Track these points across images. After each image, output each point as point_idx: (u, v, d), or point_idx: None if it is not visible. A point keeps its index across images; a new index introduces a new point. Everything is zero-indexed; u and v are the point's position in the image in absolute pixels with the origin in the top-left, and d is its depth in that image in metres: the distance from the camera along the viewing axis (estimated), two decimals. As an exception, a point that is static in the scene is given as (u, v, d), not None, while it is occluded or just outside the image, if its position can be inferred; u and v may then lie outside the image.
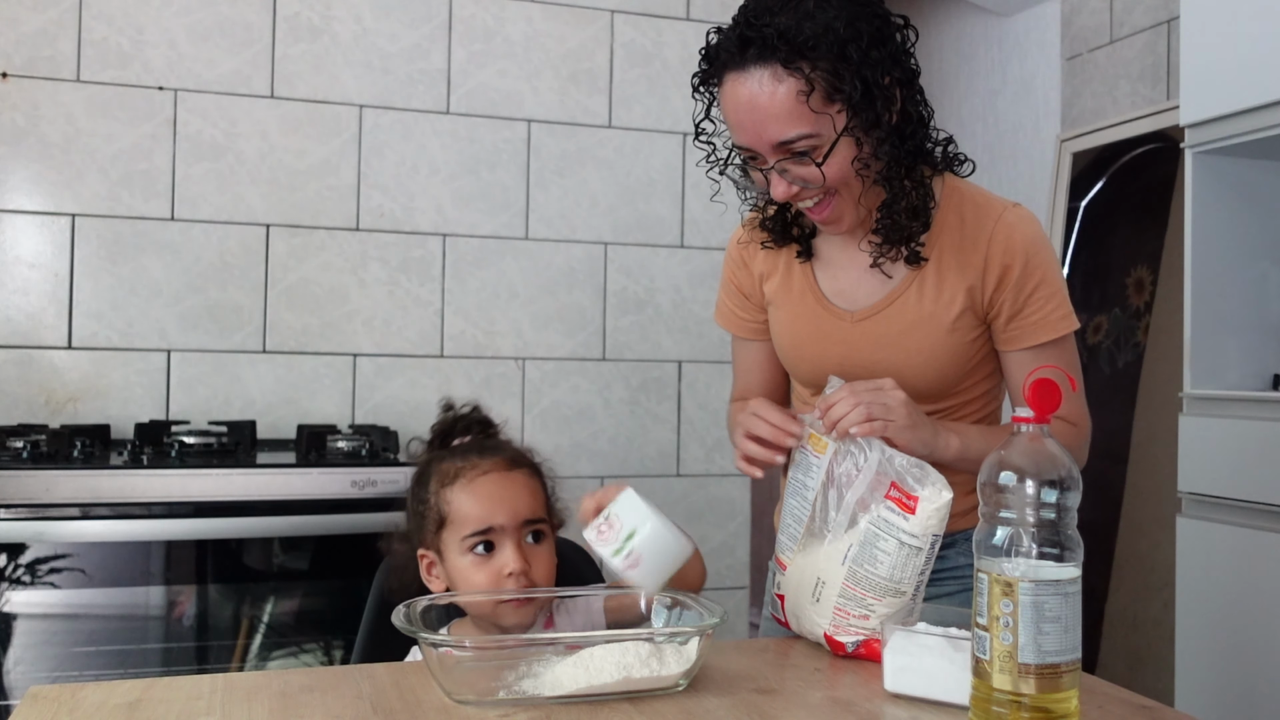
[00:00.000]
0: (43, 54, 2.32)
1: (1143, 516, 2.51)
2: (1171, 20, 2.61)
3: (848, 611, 1.12)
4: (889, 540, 1.09)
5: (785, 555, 1.21)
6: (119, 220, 2.37)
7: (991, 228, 1.25)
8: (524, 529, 1.19)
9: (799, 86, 1.12)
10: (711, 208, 2.77)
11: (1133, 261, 2.64)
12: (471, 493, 1.19)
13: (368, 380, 2.52)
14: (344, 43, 2.51)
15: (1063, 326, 1.26)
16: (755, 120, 1.15)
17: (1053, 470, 0.84)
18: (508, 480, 1.21)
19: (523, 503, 1.20)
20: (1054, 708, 0.82)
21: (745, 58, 1.14)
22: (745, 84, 1.14)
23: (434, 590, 1.22)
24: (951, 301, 1.25)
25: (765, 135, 1.15)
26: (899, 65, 1.17)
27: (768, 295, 1.39)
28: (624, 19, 2.71)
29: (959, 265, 1.25)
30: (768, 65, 1.13)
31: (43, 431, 2.09)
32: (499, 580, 1.16)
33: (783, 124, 1.14)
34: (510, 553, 1.17)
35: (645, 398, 2.70)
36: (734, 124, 1.18)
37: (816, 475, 1.18)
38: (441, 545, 1.20)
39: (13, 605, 1.87)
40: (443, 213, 2.58)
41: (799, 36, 1.11)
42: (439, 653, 0.96)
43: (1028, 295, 1.24)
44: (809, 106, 1.13)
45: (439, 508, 1.20)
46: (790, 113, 1.13)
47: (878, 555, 1.10)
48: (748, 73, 1.14)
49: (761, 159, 1.19)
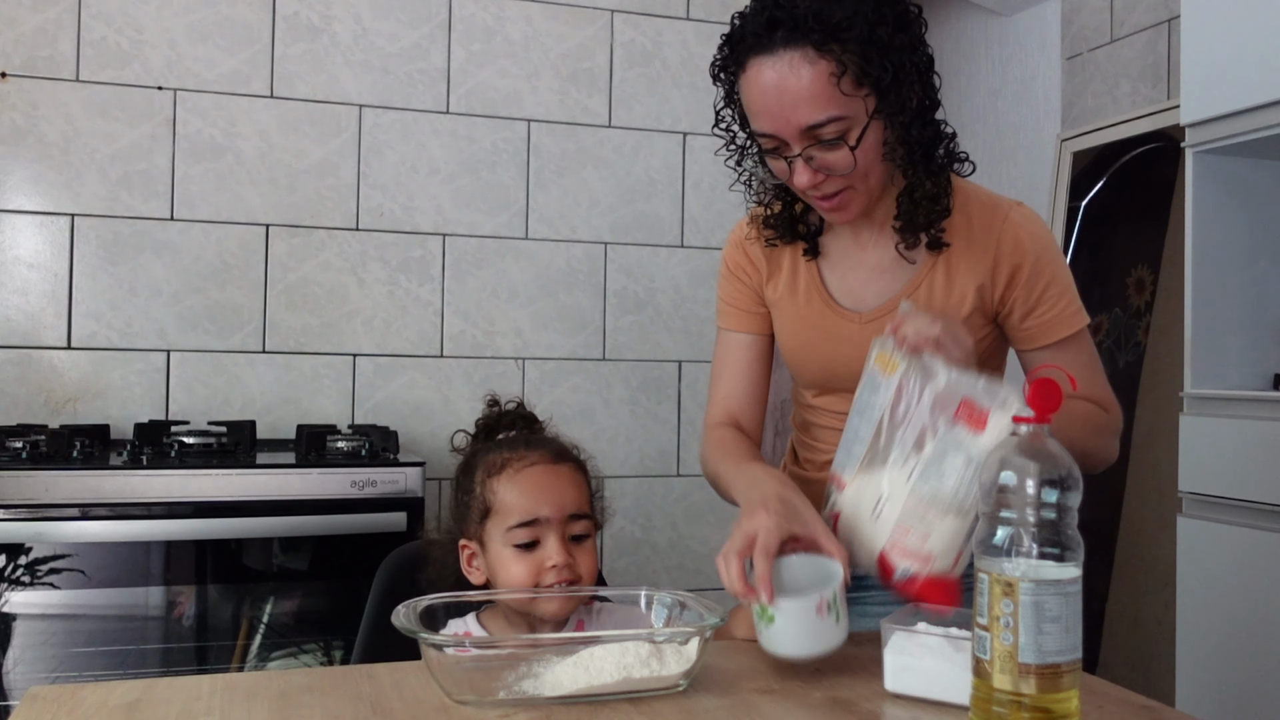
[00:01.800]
0: (42, 54, 2.32)
1: (1143, 516, 2.51)
2: (1172, 20, 2.61)
3: (908, 528, 1.09)
4: (957, 456, 1.06)
5: (846, 474, 1.18)
6: (118, 220, 2.37)
7: (1000, 226, 1.24)
8: (569, 523, 1.20)
9: (831, 69, 1.11)
10: (711, 208, 2.77)
11: (1133, 261, 2.64)
12: (517, 483, 1.19)
13: (367, 380, 2.52)
14: (344, 42, 2.51)
15: (1076, 322, 1.26)
16: (784, 105, 1.13)
17: (1053, 470, 0.84)
18: (554, 473, 1.21)
19: (568, 496, 1.20)
20: (1054, 708, 0.82)
21: (774, 40, 1.11)
22: (774, 67, 1.12)
23: (473, 582, 1.22)
24: (961, 301, 1.25)
25: (794, 120, 1.13)
26: (919, 51, 1.17)
27: (770, 298, 1.38)
28: (624, 19, 2.71)
29: (968, 264, 1.25)
30: (798, 47, 1.11)
31: (42, 431, 2.09)
32: (541, 572, 1.17)
33: (813, 108, 1.12)
34: (554, 545, 1.17)
35: (645, 398, 2.70)
36: (759, 109, 1.15)
37: (885, 395, 1.15)
38: (485, 535, 1.20)
39: (12, 605, 1.87)
40: (442, 213, 2.58)
41: (832, 18, 1.10)
42: (438, 653, 0.96)
43: (1040, 293, 1.24)
44: (840, 90, 1.11)
45: (484, 497, 1.20)
46: (821, 96, 1.11)
47: (945, 471, 1.07)
48: (777, 55, 1.12)
49: (785, 146, 1.16)
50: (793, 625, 1.02)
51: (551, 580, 1.16)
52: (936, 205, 1.22)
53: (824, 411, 1.38)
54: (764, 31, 1.12)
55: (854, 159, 1.15)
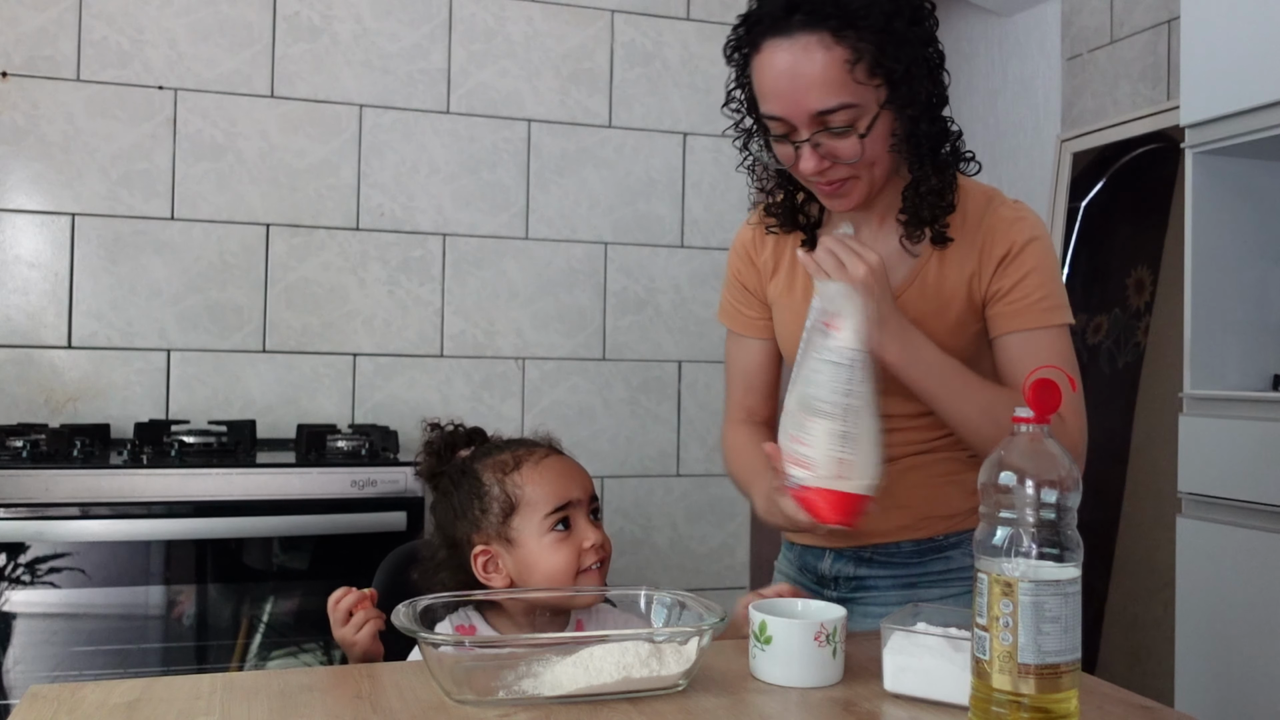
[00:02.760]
0: (43, 53, 2.32)
1: (1143, 516, 2.51)
2: (1172, 20, 2.61)
3: (792, 436, 1.12)
4: (820, 359, 1.10)
5: None
6: (119, 220, 2.37)
7: (993, 216, 1.24)
8: (589, 505, 1.24)
9: (845, 55, 1.11)
10: (711, 208, 2.77)
11: (1133, 262, 2.64)
12: (542, 474, 1.22)
13: (367, 380, 2.52)
14: (344, 42, 2.51)
15: (1052, 317, 1.22)
16: (796, 88, 1.13)
17: (1053, 470, 0.84)
18: (566, 460, 1.26)
19: (586, 479, 1.26)
20: (1054, 708, 0.82)
21: (791, 24, 1.12)
22: (789, 50, 1.12)
23: (493, 585, 1.22)
24: (954, 295, 1.25)
25: (805, 104, 1.13)
26: (932, 46, 1.18)
27: (771, 296, 1.38)
28: (624, 19, 2.71)
29: (960, 256, 1.25)
30: (815, 32, 1.11)
31: (42, 431, 2.09)
32: (580, 554, 1.20)
33: (825, 93, 1.12)
34: (588, 526, 1.22)
35: (645, 398, 2.70)
36: (770, 92, 1.15)
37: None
38: (511, 533, 1.21)
39: (13, 605, 1.87)
40: (443, 212, 2.58)
41: (850, 5, 1.10)
42: (438, 652, 0.96)
43: (1019, 279, 1.22)
44: (853, 77, 1.12)
45: (508, 495, 1.21)
46: (834, 81, 1.12)
47: (809, 376, 1.11)
48: (793, 39, 1.12)
49: (793, 131, 1.16)
50: (789, 649, 1.03)
51: (592, 559, 1.20)
52: (941, 200, 1.23)
53: None
54: (781, 14, 1.12)
55: (861, 148, 1.15)
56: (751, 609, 1.06)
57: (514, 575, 1.21)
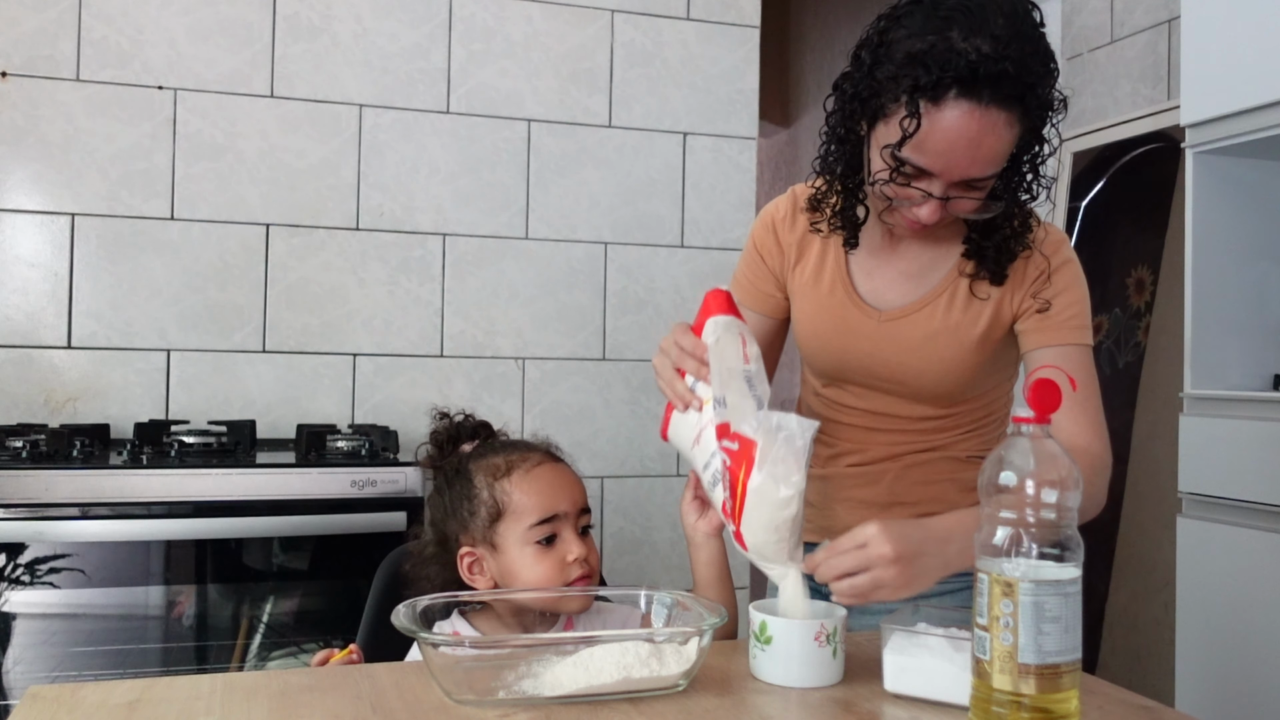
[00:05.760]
0: (42, 53, 2.32)
1: (1143, 516, 2.51)
2: (1172, 20, 2.61)
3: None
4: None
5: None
6: (119, 220, 2.37)
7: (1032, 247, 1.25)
8: (579, 518, 1.22)
9: (1016, 135, 1.11)
10: (711, 208, 2.77)
11: (1133, 261, 2.64)
12: (531, 482, 1.20)
13: (367, 380, 2.52)
14: (344, 42, 2.51)
15: (1077, 337, 1.25)
16: (971, 157, 1.10)
17: (1053, 470, 0.84)
18: (560, 470, 1.24)
19: (578, 491, 1.23)
20: (1054, 708, 0.82)
21: (985, 94, 1.07)
22: (980, 120, 1.08)
23: (476, 588, 1.21)
24: (977, 318, 1.26)
25: (970, 171, 1.11)
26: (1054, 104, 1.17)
27: (792, 283, 1.37)
28: (624, 19, 2.71)
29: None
30: (1008, 110, 1.08)
31: (42, 431, 2.09)
32: (563, 567, 1.18)
33: (990, 166, 1.12)
34: (573, 539, 1.19)
35: (645, 398, 2.70)
36: (939, 150, 1.10)
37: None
38: (496, 538, 1.20)
39: (12, 605, 1.87)
40: (443, 212, 2.58)
41: (1045, 95, 1.10)
42: (438, 652, 0.96)
43: (1055, 295, 1.24)
44: (1012, 149, 1.12)
45: (495, 500, 1.20)
46: (1000, 157, 1.11)
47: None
48: (985, 109, 1.07)
49: (932, 182, 1.13)
50: (789, 649, 1.02)
51: (575, 574, 1.18)
52: (1019, 244, 1.23)
53: (831, 403, 1.39)
54: (985, 81, 1.06)
55: (982, 205, 1.15)
56: (752, 609, 1.06)
57: (498, 580, 1.21)
